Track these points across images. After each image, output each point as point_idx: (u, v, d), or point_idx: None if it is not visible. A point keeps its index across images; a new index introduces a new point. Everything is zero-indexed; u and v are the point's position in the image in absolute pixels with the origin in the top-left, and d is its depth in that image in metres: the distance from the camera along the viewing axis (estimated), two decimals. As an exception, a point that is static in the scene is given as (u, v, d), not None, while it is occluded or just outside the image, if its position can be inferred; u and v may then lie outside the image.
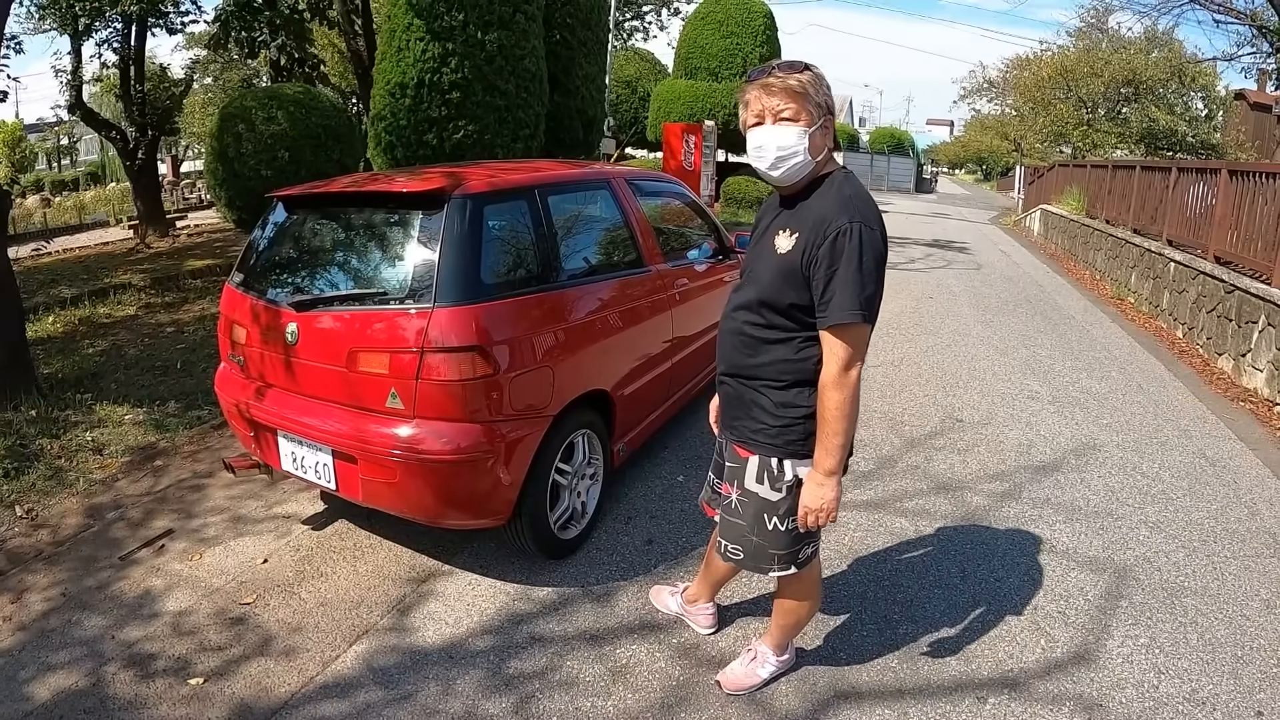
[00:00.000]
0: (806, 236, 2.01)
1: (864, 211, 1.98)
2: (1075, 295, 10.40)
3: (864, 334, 2.00)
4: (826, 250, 1.95)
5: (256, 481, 4.17)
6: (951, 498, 4.06)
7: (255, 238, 3.65)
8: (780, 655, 2.66)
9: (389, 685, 2.71)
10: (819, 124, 2.02)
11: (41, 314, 7.82)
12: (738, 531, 2.36)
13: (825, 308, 1.98)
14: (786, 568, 2.33)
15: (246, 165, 8.87)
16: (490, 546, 3.53)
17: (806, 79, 2.01)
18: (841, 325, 1.96)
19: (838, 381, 2.00)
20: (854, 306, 1.94)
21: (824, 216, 1.99)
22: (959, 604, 3.17)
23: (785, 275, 2.05)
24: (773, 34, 18.71)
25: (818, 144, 2.03)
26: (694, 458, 4.46)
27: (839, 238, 1.94)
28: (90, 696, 2.67)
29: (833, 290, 1.95)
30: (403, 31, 8.38)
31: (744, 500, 2.31)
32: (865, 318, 1.96)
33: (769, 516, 2.27)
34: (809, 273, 2.00)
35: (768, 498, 2.25)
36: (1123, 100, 24.87)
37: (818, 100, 2.01)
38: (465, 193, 3.07)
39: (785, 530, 2.27)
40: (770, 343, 2.15)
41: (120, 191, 25.33)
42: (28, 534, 3.72)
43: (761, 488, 2.25)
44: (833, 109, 2.07)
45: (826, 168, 2.11)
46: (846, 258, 1.93)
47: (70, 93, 14.40)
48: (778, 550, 2.30)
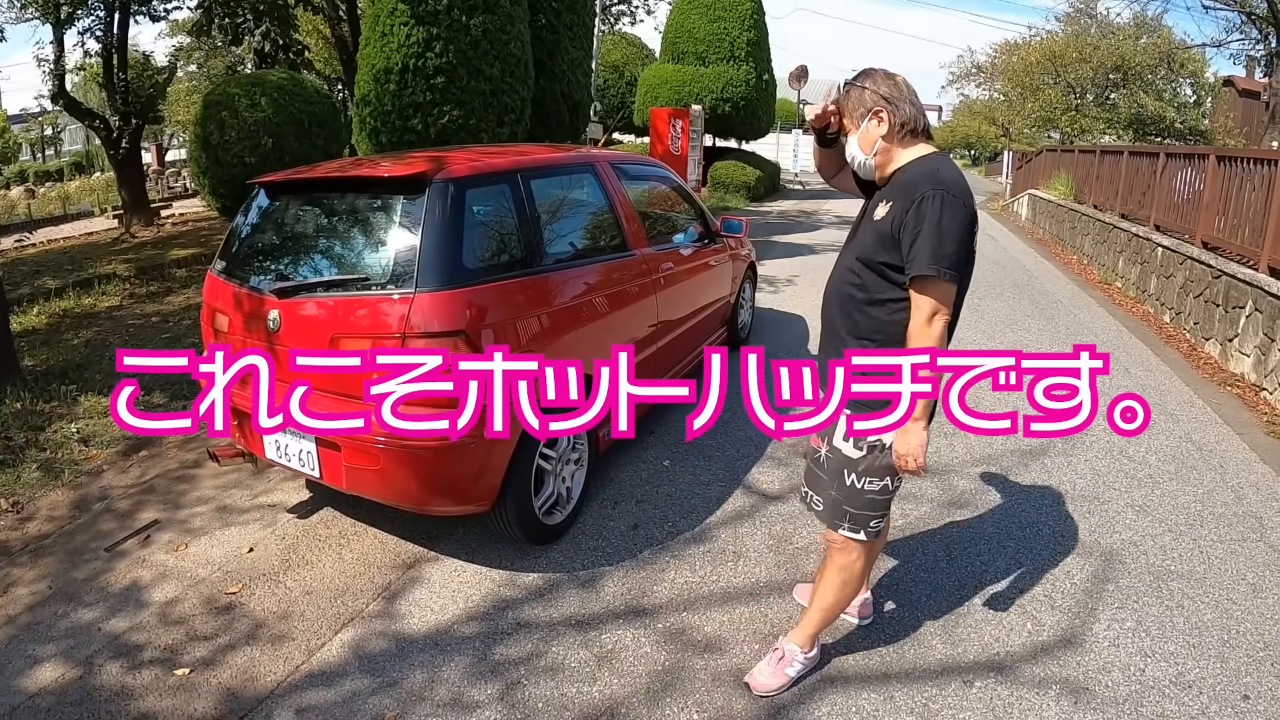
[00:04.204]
0: (898, 205, 2.20)
1: (947, 182, 2.15)
2: (1063, 280, 10.39)
3: (945, 289, 2.15)
4: (913, 214, 2.14)
5: (243, 471, 4.15)
6: (938, 481, 4.06)
7: (237, 224, 3.62)
8: (808, 651, 2.64)
9: (375, 672, 2.70)
10: (862, 128, 2.30)
11: (25, 306, 7.74)
12: (821, 484, 2.54)
13: (910, 264, 2.15)
14: (856, 530, 2.44)
15: (230, 152, 8.78)
16: (476, 532, 3.52)
17: (842, 98, 2.34)
18: (922, 278, 2.13)
19: (921, 331, 2.16)
20: (933, 260, 2.10)
21: (912, 186, 2.19)
22: (945, 587, 3.17)
23: (880, 238, 2.24)
24: (760, 18, 18.66)
25: (868, 141, 2.29)
26: (680, 442, 4.44)
27: (923, 202, 2.12)
28: (77, 688, 2.65)
29: (916, 248, 2.12)
30: (387, 16, 8.28)
31: (830, 456, 2.47)
32: (943, 273, 2.11)
33: (848, 473, 2.40)
34: (899, 235, 2.18)
35: (850, 455, 2.39)
36: (1111, 86, 24.92)
37: (857, 111, 2.29)
38: (447, 176, 3.04)
39: (862, 489, 2.39)
40: (864, 303, 2.31)
41: (105, 181, 25.14)
42: (14, 527, 3.69)
43: (846, 445, 2.39)
44: (874, 106, 2.27)
45: (908, 152, 2.29)
46: (929, 219, 2.11)
47: (53, 82, 14.31)
48: (852, 508, 2.42)
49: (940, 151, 2.33)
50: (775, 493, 3.92)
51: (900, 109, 2.26)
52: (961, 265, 2.16)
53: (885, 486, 2.39)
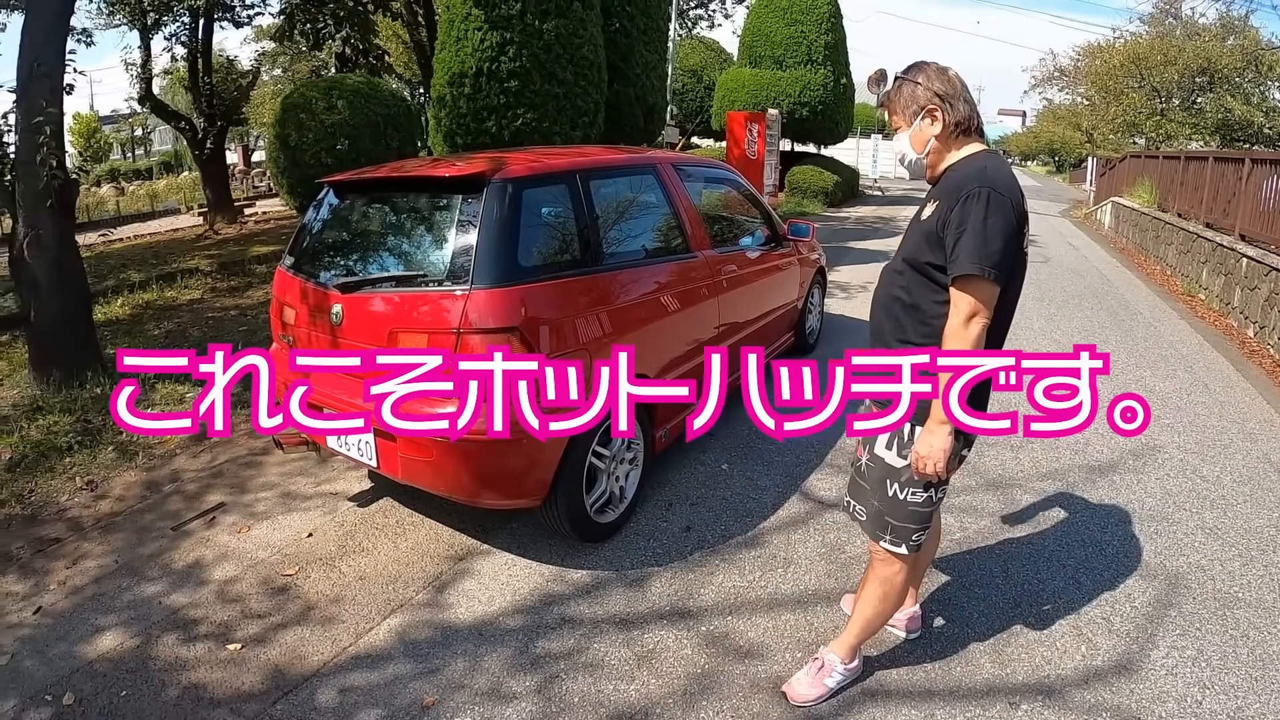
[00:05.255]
0: (944, 203, 2.15)
1: (994, 180, 2.09)
2: (1144, 291, 10.04)
3: (986, 290, 2.08)
4: (957, 212, 2.08)
5: (308, 459, 4.28)
6: (1001, 495, 3.95)
7: (307, 222, 3.74)
8: (848, 662, 2.58)
9: (419, 658, 2.76)
10: (915, 126, 2.25)
11: (110, 297, 8.10)
12: (863, 494, 2.46)
13: (952, 264, 2.09)
14: (897, 544, 2.38)
15: (308, 153, 9.06)
16: (529, 527, 3.57)
17: (893, 91, 2.29)
18: (963, 277, 2.06)
19: (957, 333, 2.09)
20: (975, 259, 2.03)
21: (958, 184, 2.13)
22: (998, 605, 3.08)
23: (926, 237, 2.19)
24: (838, 21, 18.41)
25: (920, 140, 2.25)
26: (739, 446, 4.42)
27: (967, 200, 2.07)
28: (134, 657, 2.79)
29: (959, 248, 2.06)
30: (461, 21, 8.44)
31: (872, 465, 2.40)
32: (986, 272, 2.04)
33: (890, 482, 2.34)
34: (943, 234, 2.12)
35: (892, 464, 2.33)
36: (1197, 90, 23.90)
37: (910, 109, 2.25)
38: (505, 176, 3.10)
39: (905, 500, 2.33)
40: (907, 305, 2.26)
41: (191, 180, 26.15)
42: (88, 504, 3.88)
43: (889, 453, 2.33)
44: (929, 104, 2.22)
45: (959, 151, 2.24)
46: (973, 217, 2.05)
47: (141, 85, 14.90)
48: (894, 520, 2.36)
49: (990, 150, 2.26)
50: (831, 500, 3.86)
51: (955, 107, 2.21)
52: (1007, 267, 2.09)
53: (929, 498, 2.33)
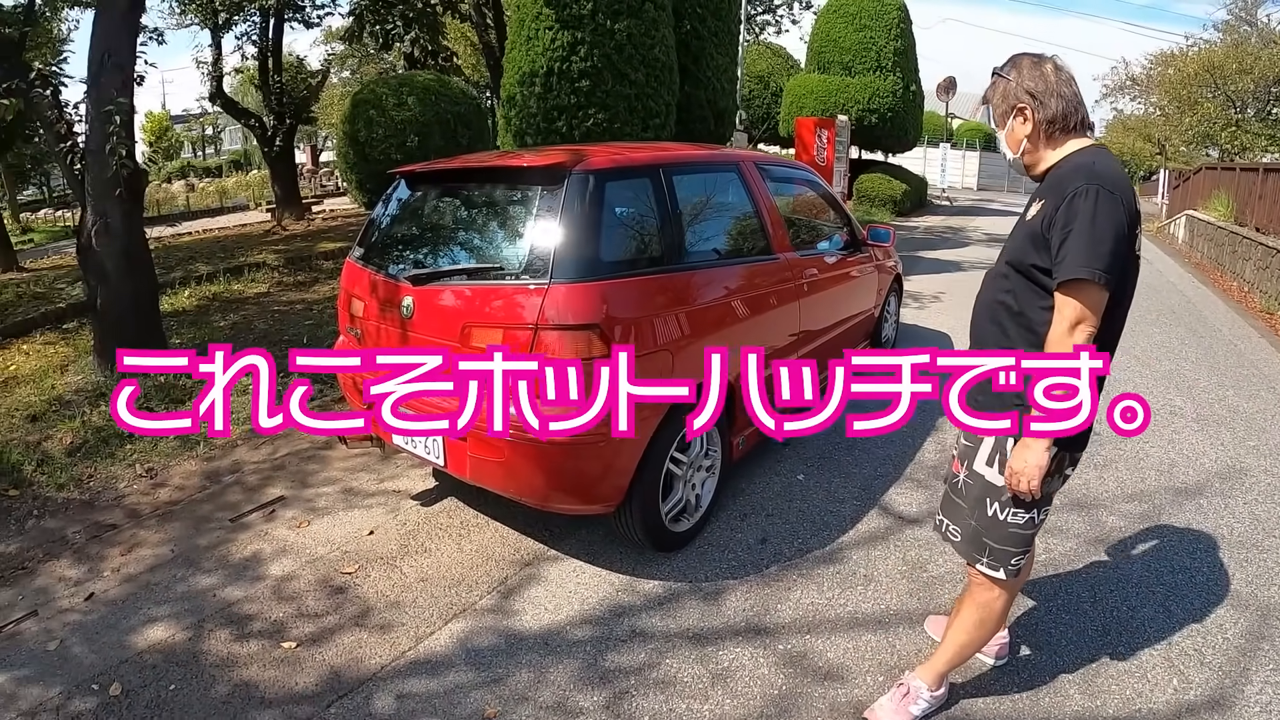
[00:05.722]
0: (1049, 202, 2.01)
1: (1104, 177, 1.94)
2: (1222, 308, 9.60)
3: (1095, 295, 1.92)
4: (1064, 210, 1.94)
5: (371, 455, 4.21)
6: (1086, 516, 3.74)
7: (377, 214, 3.66)
8: (935, 689, 2.44)
9: (481, 667, 2.65)
10: (1008, 125, 2.14)
11: (177, 288, 8.21)
12: (959, 513, 2.31)
13: (1058, 266, 1.94)
14: (995, 568, 2.23)
15: (377, 149, 9.11)
16: (599, 534, 3.44)
17: (989, 91, 2.19)
18: (1070, 281, 1.91)
19: (1060, 341, 1.96)
20: (1084, 262, 1.88)
21: (1064, 181, 2.00)
22: (1087, 633, 2.89)
23: (1031, 238, 2.06)
24: (907, 28, 18.14)
25: (1013, 140, 2.15)
26: (815, 456, 4.26)
27: (1075, 198, 1.92)
28: (185, 650, 2.73)
29: (1066, 249, 1.92)
30: (532, 20, 8.41)
31: (970, 482, 2.26)
32: (1097, 275, 1.88)
33: (991, 501, 2.20)
34: (1048, 234, 1.98)
35: (993, 481, 2.19)
36: (1273, 99, 22.98)
37: (1001, 107, 2.15)
38: (586, 168, 2.97)
39: (1005, 520, 2.19)
40: (1014, 311, 2.13)
41: (260, 178, 26.74)
42: (146, 492, 3.86)
43: (990, 470, 2.20)
44: (1018, 102, 2.11)
45: (1058, 151, 2.11)
46: (1081, 216, 1.91)
47: (211, 83, 15.28)
48: (992, 541, 2.22)
49: (1099, 144, 2.10)
50: (912, 516, 3.68)
51: (1047, 105, 2.06)
52: (1117, 270, 1.93)
53: (1030, 520, 2.18)
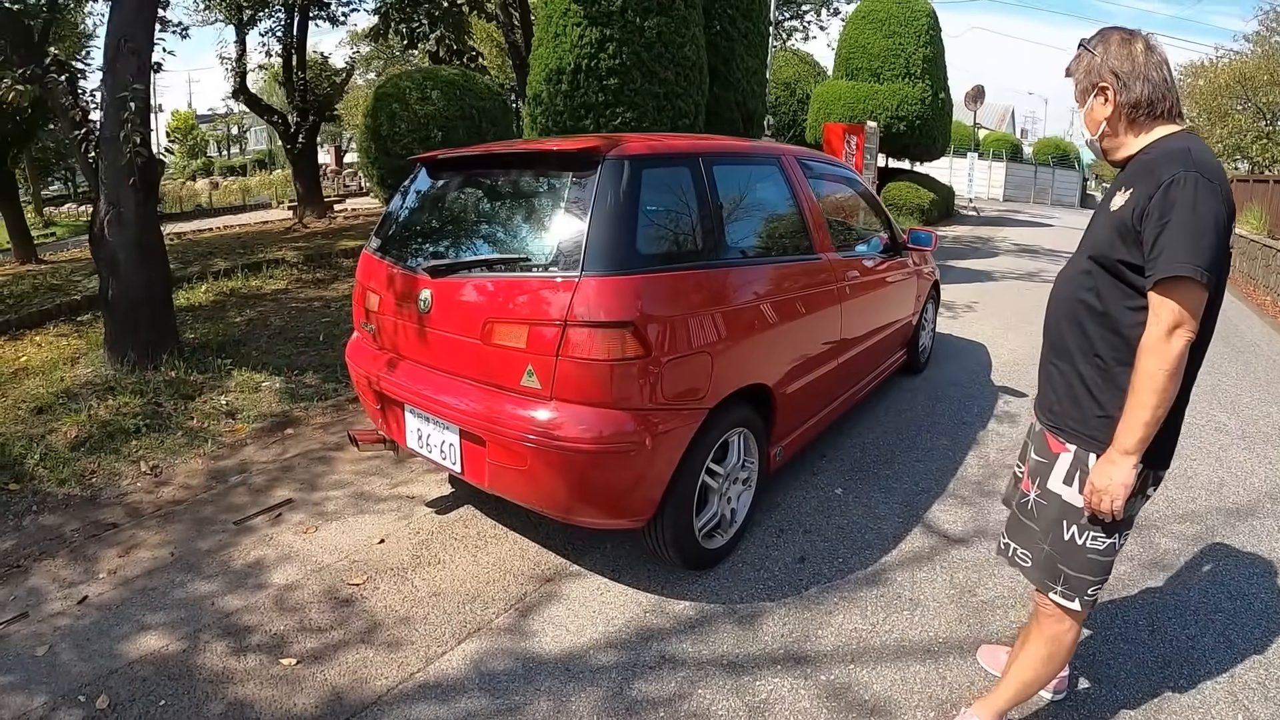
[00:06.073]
0: (1139, 190, 1.80)
1: (1202, 165, 1.74)
2: (1256, 322, 9.35)
3: (1196, 295, 1.72)
4: (1158, 200, 1.72)
5: (385, 458, 4.03)
6: (1139, 538, 3.50)
7: (395, 204, 3.45)
8: None
9: (495, 692, 2.45)
10: (1086, 104, 1.96)
11: (194, 283, 8.06)
12: (1029, 536, 2.10)
13: (1154, 263, 1.74)
14: (1070, 597, 2.00)
15: (399, 144, 8.95)
16: (626, 549, 3.23)
17: (1072, 64, 2.00)
18: (1169, 280, 1.71)
19: (1155, 347, 1.74)
20: (1185, 259, 1.68)
21: (1157, 167, 1.78)
22: (1147, 664, 2.67)
23: (1118, 230, 1.85)
24: (936, 34, 17.86)
25: (1092, 121, 1.96)
26: (854, 469, 4.01)
27: (1171, 186, 1.71)
28: (178, 663, 2.58)
29: (1163, 243, 1.72)
30: (560, 16, 8.22)
31: (1042, 502, 2.05)
32: (1200, 273, 1.68)
33: (1068, 524, 1.98)
34: (1140, 226, 1.77)
35: (1071, 501, 1.97)
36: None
37: (1083, 83, 1.96)
38: (622, 154, 2.73)
39: (1083, 545, 1.97)
40: (1098, 312, 1.91)
41: (284, 177, 26.83)
42: (149, 490, 3.68)
43: (1068, 490, 1.98)
44: (1101, 81, 1.92)
45: (1141, 137, 1.91)
46: (1179, 207, 1.69)
47: (235, 79, 15.28)
48: (1067, 569, 1.99)
49: (1191, 130, 1.90)
50: (959, 535, 3.44)
51: (1131, 88, 1.86)
52: (1219, 267, 1.73)
53: (1111, 545, 1.95)
